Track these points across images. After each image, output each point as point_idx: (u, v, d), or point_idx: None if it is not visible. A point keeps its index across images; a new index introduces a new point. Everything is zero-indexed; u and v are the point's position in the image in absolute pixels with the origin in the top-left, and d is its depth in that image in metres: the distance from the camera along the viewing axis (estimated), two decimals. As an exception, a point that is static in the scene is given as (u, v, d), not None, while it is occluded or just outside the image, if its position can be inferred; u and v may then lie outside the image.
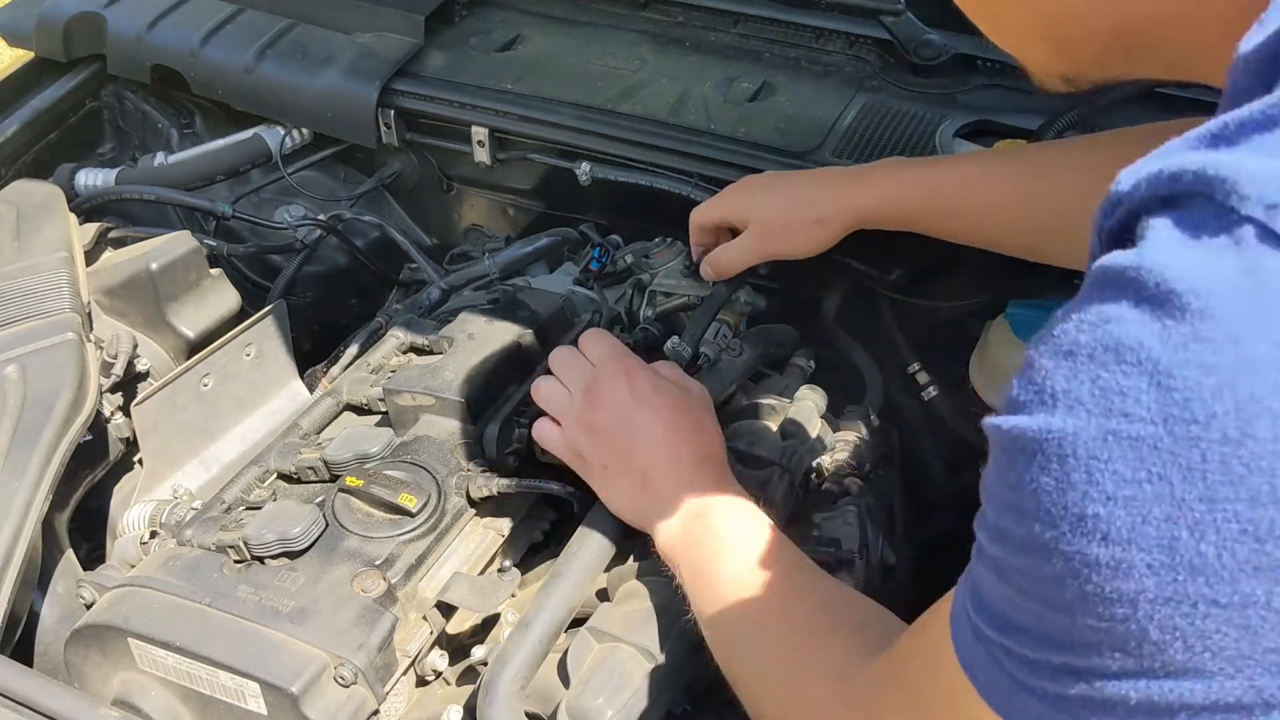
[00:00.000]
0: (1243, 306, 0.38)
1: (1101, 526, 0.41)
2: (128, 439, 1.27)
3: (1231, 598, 0.39)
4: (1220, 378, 0.38)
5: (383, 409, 1.19)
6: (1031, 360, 0.45)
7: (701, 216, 1.29)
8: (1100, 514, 0.41)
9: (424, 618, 1.00)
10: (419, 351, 1.26)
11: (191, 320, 1.41)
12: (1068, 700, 0.46)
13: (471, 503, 1.08)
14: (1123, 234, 0.44)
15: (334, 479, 1.10)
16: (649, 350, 1.27)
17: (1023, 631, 0.48)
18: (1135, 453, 0.40)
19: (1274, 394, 0.38)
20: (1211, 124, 0.42)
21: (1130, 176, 0.43)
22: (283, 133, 1.68)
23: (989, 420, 0.47)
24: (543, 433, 1.06)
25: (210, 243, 1.56)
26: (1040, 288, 1.27)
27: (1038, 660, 0.48)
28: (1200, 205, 0.40)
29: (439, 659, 1.01)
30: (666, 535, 0.95)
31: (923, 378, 1.37)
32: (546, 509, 1.17)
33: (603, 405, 1.01)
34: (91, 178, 1.66)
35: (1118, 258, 0.42)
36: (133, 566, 1.07)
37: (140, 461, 1.27)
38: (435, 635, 1.01)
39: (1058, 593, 0.44)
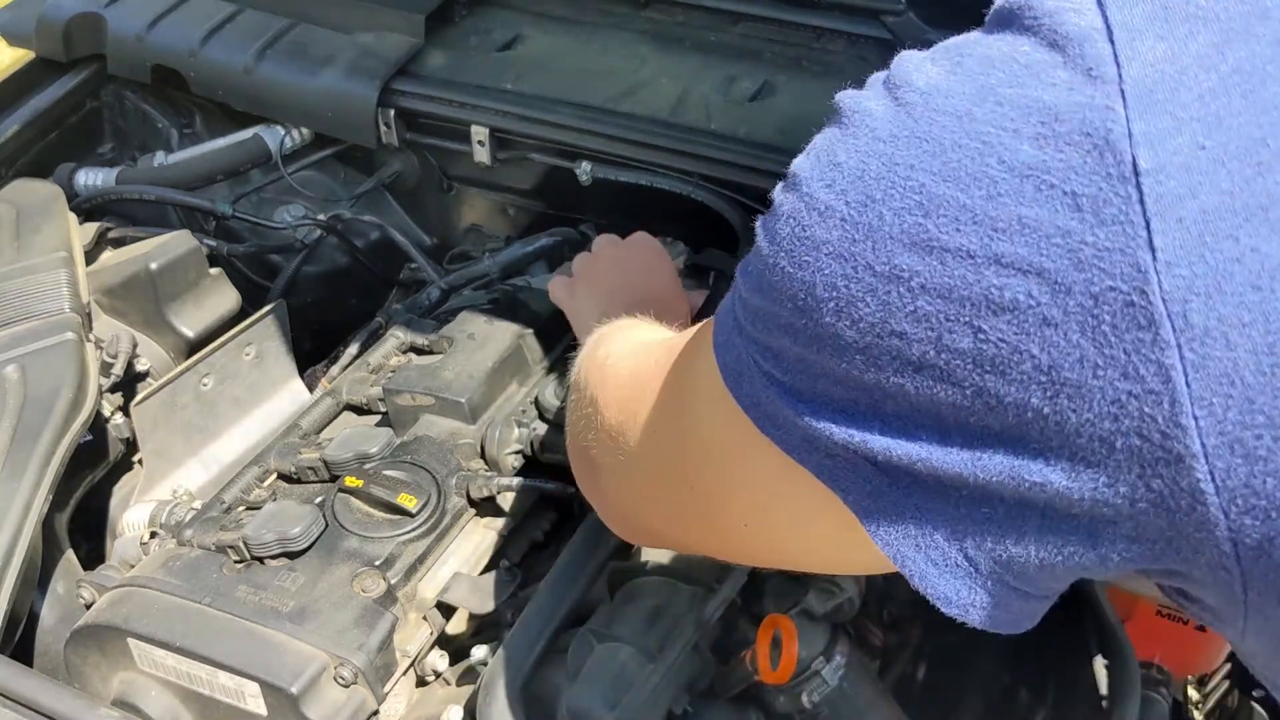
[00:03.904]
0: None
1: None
2: (128, 439, 1.27)
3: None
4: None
5: (383, 409, 1.19)
6: None
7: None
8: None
9: (424, 618, 1.00)
10: (419, 351, 1.26)
11: (191, 320, 1.41)
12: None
13: (471, 503, 1.08)
14: None
15: (334, 479, 1.10)
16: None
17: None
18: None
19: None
20: None
21: None
22: (283, 133, 1.67)
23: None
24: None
25: (210, 243, 1.56)
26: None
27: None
28: None
29: (439, 659, 1.01)
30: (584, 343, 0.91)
31: (923, 377, 1.37)
32: (546, 509, 1.17)
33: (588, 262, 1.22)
34: (91, 178, 1.66)
35: None
36: (133, 566, 1.07)
37: (140, 461, 1.27)
38: (435, 635, 1.01)
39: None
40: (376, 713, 0.94)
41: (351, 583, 0.97)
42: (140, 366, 1.34)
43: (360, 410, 1.22)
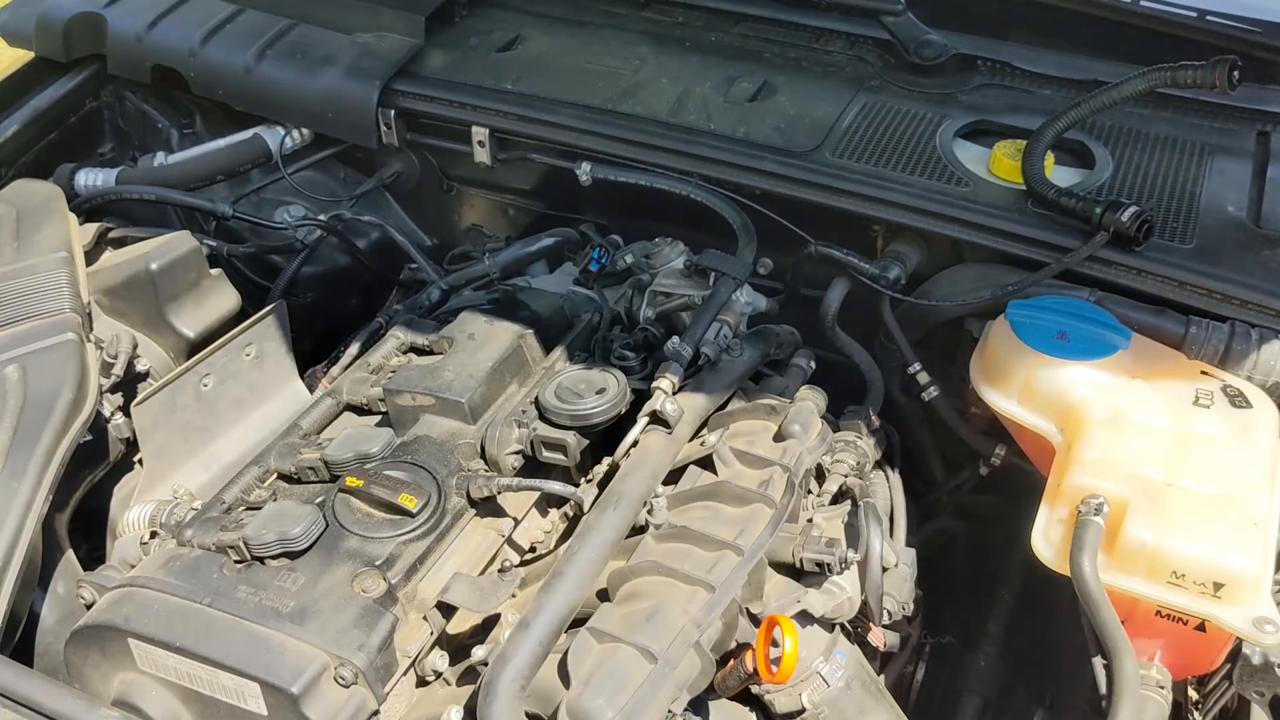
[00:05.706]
0: None
1: None
2: (128, 439, 1.28)
3: None
4: None
5: (383, 409, 1.19)
6: None
7: None
8: None
9: (424, 618, 1.00)
10: (419, 351, 1.26)
11: (191, 320, 1.41)
12: None
13: (471, 503, 1.08)
14: None
15: (334, 479, 1.10)
16: (649, 350, 1.27)
17: None
18: None
19: None
20: None
21: None
22: (283, 133, 1.68)
23: None
24: None
25: (210, 243, 1.56)
26: (1040, 288, 1.27)
27: None
28: None
29: (439, 659, 1.01)
30: None
31: (923, 378, 1.37)
32: (546, 509, 1.17)
33: None
34: (91, 178, 1.66)
35: None
36: (133, 566, 1.07)
37: (140, 461, 1.28)
38: (435, 635, 1.01)
39: None
40: (377, 712, 0.94)
41: (352, 583, 0.97)
42: (140, 367, 1.34)
43: (360, 410, 1.22)
